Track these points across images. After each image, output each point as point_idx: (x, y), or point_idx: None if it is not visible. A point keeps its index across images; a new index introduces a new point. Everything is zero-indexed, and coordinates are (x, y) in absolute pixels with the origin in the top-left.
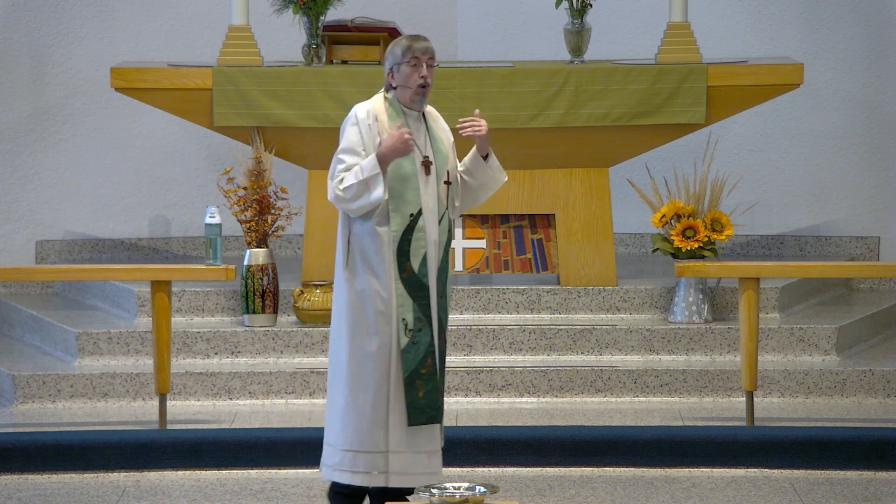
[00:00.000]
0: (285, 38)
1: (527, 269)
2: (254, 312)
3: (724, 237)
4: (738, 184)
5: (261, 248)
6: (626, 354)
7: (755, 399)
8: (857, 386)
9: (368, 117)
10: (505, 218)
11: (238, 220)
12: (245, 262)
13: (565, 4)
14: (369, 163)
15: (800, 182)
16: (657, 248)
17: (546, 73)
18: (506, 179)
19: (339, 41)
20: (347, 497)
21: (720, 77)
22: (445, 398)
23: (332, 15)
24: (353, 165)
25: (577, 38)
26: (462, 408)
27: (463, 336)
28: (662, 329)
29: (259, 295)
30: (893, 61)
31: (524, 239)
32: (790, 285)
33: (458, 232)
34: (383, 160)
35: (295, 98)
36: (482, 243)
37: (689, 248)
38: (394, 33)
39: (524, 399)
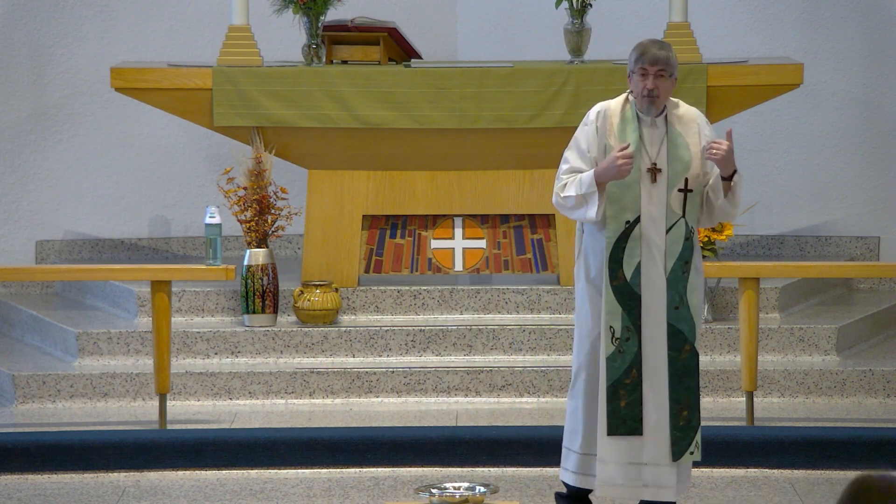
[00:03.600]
0: (285, 38)
1: (527, 269)
2: (254, 312)
3: (724, 237)
4: None
5: (261, 248)
6: None
7: (755, 399)
8: (857, 386)
9: (598, 119)
10: (505, 218)
11: (238, 220)
12: (245, 262)
13: (565, 4)
14: (588, 178)
15: (800, 182)
16: None
17: (546, 73)
18: (736, 214)
19: (339, 41)
20: (567, 499)
21: (720, 77)
22: (445, 398)
23: (332, 15)
24: (575, 168)
25: (577, 38)
26: (462, 408)
27: (463, 336)
28: None
29: (259, 295)
30: (893, 61)
31: (524, 239)
32: (790, 285)
33: (458, 232)
34: (598, 179)
35: (295, 98)
36: (482, 243)
37: None
38: (394, 33)
39: (524, 399)
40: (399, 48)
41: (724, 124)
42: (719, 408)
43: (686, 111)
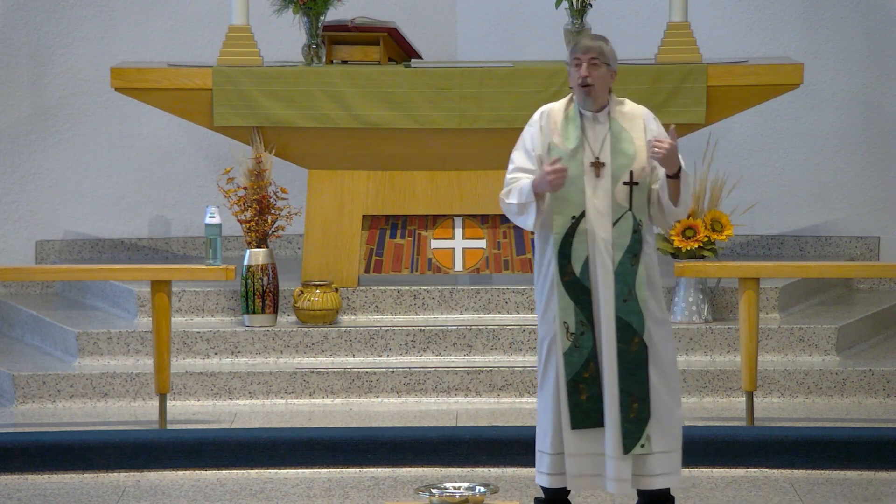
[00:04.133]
0: (285, 38)
1: (527, 269)
2: (254, 312)
3: (724, 237)
4: (738, 184)
5: (261, 248)
6: None
7: (755, 399)
8: (857, 386)
9: (541, 119)
10: (505, 218)
11: (238, 220)
12: (245, 262)
13: (565, 4)
14: (527, 188)
15: (800, 182)
16: (657, 248)
17: (546, 73)
18: (682, 214)
19: (339, 41)
20: (545, 503)
21: (720, 77)
22: (445, 398)
23: (332, 15)
24: (520, 167)
25: (577, 38)
26: (462, 408)
27: (463, 336)
28: None
29: (259, 295)
30: (893, 61)
31: (524, 239)
32: (790, 285)
33: (458, 232)
34: (535, 190)
35: (295, 98)
36: (482, 243)
37: (689, 248)
38: (394, 33)
39: (524, 399)
40: (399, 48)
41: (724, 124)
42: (719, 408)
43: (632, 108)
